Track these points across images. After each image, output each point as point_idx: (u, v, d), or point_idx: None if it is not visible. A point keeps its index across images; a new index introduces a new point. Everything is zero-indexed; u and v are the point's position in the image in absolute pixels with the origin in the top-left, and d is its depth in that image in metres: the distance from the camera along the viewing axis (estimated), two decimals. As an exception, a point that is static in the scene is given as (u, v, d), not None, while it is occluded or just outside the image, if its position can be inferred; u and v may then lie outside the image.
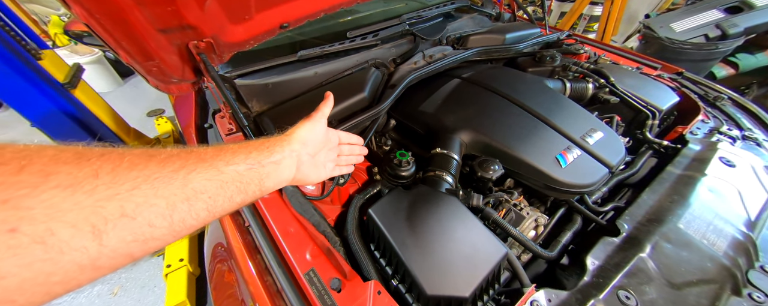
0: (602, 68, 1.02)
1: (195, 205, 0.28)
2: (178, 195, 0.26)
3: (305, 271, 0.53)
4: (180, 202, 0.26)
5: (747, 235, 0.57)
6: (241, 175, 0.33)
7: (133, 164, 0.24)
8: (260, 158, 0.37)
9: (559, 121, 0.79)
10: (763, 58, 2.13)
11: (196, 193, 0.28)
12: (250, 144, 0.37)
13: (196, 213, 0.28)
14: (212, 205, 0.30)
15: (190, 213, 0.27)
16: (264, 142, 0.39)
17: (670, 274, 0.52)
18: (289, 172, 0.42)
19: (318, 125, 0.49)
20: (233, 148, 0.35)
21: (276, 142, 0.41)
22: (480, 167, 0.71)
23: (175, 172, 0.27)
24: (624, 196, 0.78)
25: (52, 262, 0.19)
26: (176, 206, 0.26)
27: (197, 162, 0.29)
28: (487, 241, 0.55)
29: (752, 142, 0.82)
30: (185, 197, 0.27)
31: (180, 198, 0.27)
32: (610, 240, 0.58)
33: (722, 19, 1.91)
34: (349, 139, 0.60)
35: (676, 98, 0.93)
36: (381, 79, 0.97)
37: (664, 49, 1.97)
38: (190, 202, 0.27)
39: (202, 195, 0.28)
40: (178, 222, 0.26)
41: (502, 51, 1.12)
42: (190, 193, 0.27)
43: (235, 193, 0.32)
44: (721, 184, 0.66)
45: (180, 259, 1.19)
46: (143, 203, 0.24)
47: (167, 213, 0.25)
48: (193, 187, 0.28)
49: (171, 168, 0.27)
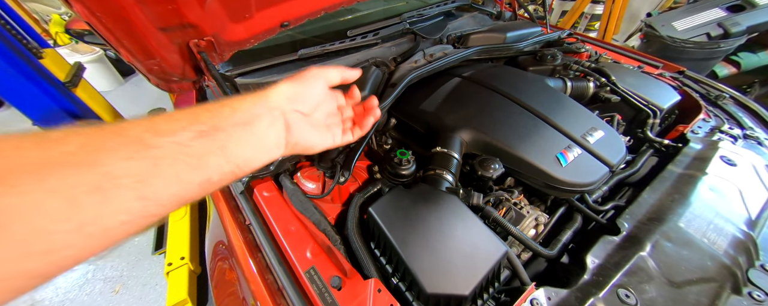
0: (603, 67, 1.02)
1: (115, 196, 0.21)
2: (81, 185, 0.19)
3: (306, 269, 0.53)
4: (85, 194, 0.19)
5: (747, 233, 0.57)
6: (188, 147, 0.25)
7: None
8: (216, 121, 0.28)
9: (560, 120, 0.78)
10: (765, 57, 2.11)
11: (111, 178, 0.21)
12: (204, 106, 0.29)
13: (122, 205, 0.21)
14: (150, 193, 0.23)
15: (108, 206, 0.20)
16: (228, 101, 0.30)
17: (670, 272, 0.52)
18: (275, 135, 0.33)
19: (315, 81, 0.38)
20: (174, 114, 0.27)
21: (246, 98, 0.32)
22: (480, 166, 0.71)
23: (73, 154, 0.20)
24: (624, 194, 0.78)
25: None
26: (80, 201, 0.19)
27: (111, 137, 0.22)
28: (487, 240, 0.55)
29: (754, 141, 0.81)
30: (94, 187, 0.20)
31: (84, 189, 0.19)
32: (610, 239, 0.58)
33: (724, 18, 1.90)
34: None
35: (677, 97, 0.93)
36: (381, 78, 0.97)
37: (666, 48, 1.96)
38: (105, 192, 0.20)
39: (124, 180, 0.21)
40: (90, 223, 0.20)
41: (503, 50, 1.11)
42: (101, 179, 0.20)
43: (186, 172, 0.25)
44: (722, 183, 0.66)
45: (181, 257, 1.20)
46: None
47: (66, 214, 0.19)
48: (105, 172, 0.20)
49: (66, 149, 0.20)
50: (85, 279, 1.51)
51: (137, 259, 1.57)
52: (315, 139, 0.39)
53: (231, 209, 0.65)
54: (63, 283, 1.50)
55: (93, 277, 1.52)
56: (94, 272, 1.54)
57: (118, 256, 1.59)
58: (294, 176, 0.74)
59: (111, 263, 1.56)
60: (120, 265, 1.55)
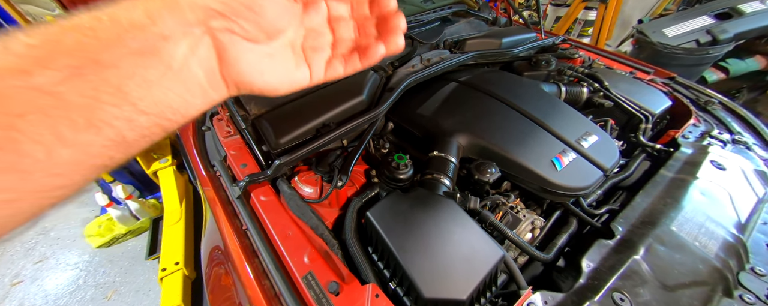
0: (596, 73, 1.04)
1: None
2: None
3: (303, 275, 0.53)
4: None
5: (737, 237, 0.59)
6: (56, 96, 0.17)
7: None
8: (96, 47, 0.18)
9: (555, 125, 0.80)
10: (753, 63, 2.17)
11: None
12: (71, 20, 0.18)
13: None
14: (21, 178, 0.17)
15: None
16: (112, 10, 0.19)
17: (663, 276, 0.52)
18: (200, 68, 0.22)
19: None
20: (20, 35, 0.17)
21: (144, 6, 0.19)
22: (477, 170, 0.72)
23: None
24: (618, 198, 0.79)
25: None
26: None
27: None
28: (484, 244, 0.55)
29: (742, 146, 0.84)
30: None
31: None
32: (604, 242, 0.59)
33: (712, 25, 1.96)
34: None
35: (668, 102, 0.95)
36: (379, 83, 0.98)
37: (657, 54, 2.01)
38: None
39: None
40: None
41: (498, 55, 1.13)
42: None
43: (71, 131, 0.17)
44: (713, 187, 0.68)
45: (176, 262, 1.18)
46: None
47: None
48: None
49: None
50: (76, 285, 1.48)
51: (130, 264, 1.54)
52: (274, 73, 0.25)
53: (227, 214, 0.65)
54: (53, 289, 1.46)
55: (84, 283, 1.49)
56: (85, 278, 1.50)
57: (111, 261, 1.56)
58: (291, 180, 0.74)
59: (103, 269, 1.53)
60: (112, 270, 1.53)
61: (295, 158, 0.71)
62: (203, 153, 0.83)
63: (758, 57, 2.18)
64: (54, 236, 1.71)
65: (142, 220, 1.67)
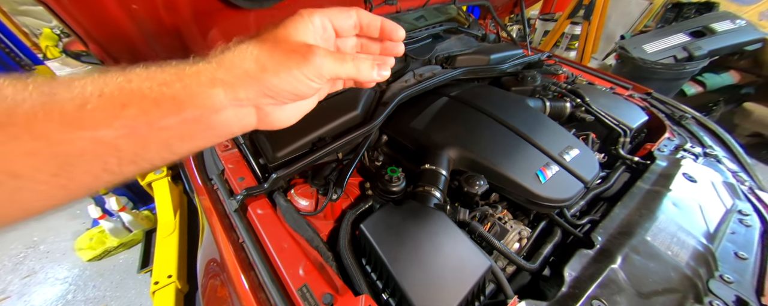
0: (578, 88, 1.10)
1: (25, 189, 0.19)
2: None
3: (298, 287, 0.55)
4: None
5: (706, 246, 0.63)
6: (112, 147, 0.21)
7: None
8: (155, 114, 0.22)
9: (539, 139, 0.84)
10: (727, 78, 2.30)
11: (12, 177, 0.19)
12: (132, 79, 0.22)
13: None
14: (61, 190, 0.21)
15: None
16: (171, 80, 0.23)
17: (638, 284, 0.56)
18: (239, 126, 0.27)
19: (295, 30, 0.27)
20: (92, 93, 0.21)
21: (199, 78, 0.23)
22: (467, 183, 0.75)
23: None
24: (599, 209, 0.83)
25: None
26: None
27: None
28: (472, 255, 0.58)
29: (713, 159, 0.89)
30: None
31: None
32: (585, 252, 0.62)
33: (688, 43, 2.08)
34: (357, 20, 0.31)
35: (645, 117, 1.01)
36: (374, 97, 1.02)
37: (639, 69, 2.11)
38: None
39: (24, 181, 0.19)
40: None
41: (487, 71, 1.19)
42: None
43: (107, 173, 0.22)
44: (684, 198, 0.72)
45: (168, 275, 1.17)
46: None
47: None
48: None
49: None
50: (65, 300, 1.44)
51: (121, 278, 1.51)
52: (296, 114, 0.31)
53: (224, 227, 0.67)
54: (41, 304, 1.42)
55: (74, 298, 1.45)
56: (74, 293, 1.47)
57: (102, 275, 1.53)
58: (288, 193, 0.77)
59: (93, 283, 1.50)
60: (103, 284, 1.50)
61: (292, 171, 0.74)
62: (201, 166, 0.85)
63: (732, 72, 2.31)
64: (43, 250, 1.67)
65: (134, 233, 1.65)
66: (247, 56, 0.25)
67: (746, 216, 0.73)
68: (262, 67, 0.25)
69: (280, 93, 0.26)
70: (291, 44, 0.26)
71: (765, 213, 0.75)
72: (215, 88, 0.24)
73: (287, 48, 0.25)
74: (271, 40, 0.26)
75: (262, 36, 0.26)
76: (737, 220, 0.72)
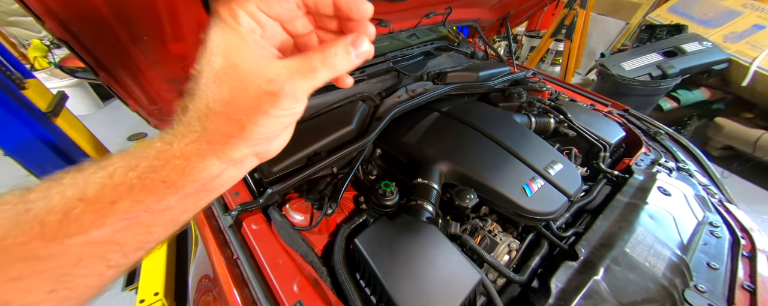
0: (561, 105, 1.17)
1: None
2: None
3: (292, 304, 0.55)
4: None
5: (681, 257, 0.67)
6: (109, 245, 0.21)
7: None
8: (158, 195, 0.22)
9: (526, 154, 0.89)
10: (699, 94, 2.46)
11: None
12: (131, 160, 0.21)
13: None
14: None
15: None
16: (170, 153, 0.22)
17: (619, 294, 0.59)
18: (237, 179, 0.27)
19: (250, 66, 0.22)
20: (81, 189, 0.20)
21: (198, 149, 0.22)
22: (457, 196, 0.78)
23: None
24: (583, 221, 0.87)
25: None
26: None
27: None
28: (463, 268, 0.60)
29: (685, 173, 0.95)
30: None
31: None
32: (570, 264, 0.65)
33: (661, 62, 2.23)
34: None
35: (622, 133, 1.08)
36: (367, 112, 1.05)
37: (618, 85, 2.24)
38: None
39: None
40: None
41: (476, 87, 1.25)
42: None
43: (106, 270, 0.21)
44: (660, 211, 0.77)
45: (155, 292, 1.13)
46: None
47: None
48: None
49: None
50: (38, 320, 1.36)
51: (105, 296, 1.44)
52: (284, 137, 0.30)
53: (218, 243, 0.67)
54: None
55: (48, 317, 1.37)
56: (49, 311, 1.39)
57: (82, 292, 1.46)
58: (282, 208, 0.77)
59: (71, 300, 1.43)
60: (81, 302, 1.42)
61: (287, 186, 0.75)
62: (195, 180, 0.85)
63: (703, 89, 2.48)
64: (17, 265, 1.59)
65: (118, 246, 1.59)
66: (218, 118, 0.22)
67: (716, 228, 0.78)
68: (239, 125, 0.22)
69: (268, 135, 0.24)
70: (247, 82, 0.21)
71: (733, 225, 0.80)
72: (206, 159, 0.23)
73: (249, 92, 0.22)
74: (226, 84, 0.22)
75: (210, 81, 0.22)
76: (709, 231, 0.77)
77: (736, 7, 2.50)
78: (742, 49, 2.26)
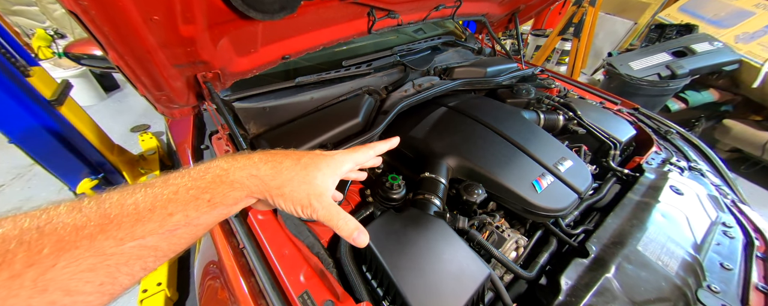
0: (570, 102, 1.15)
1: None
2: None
3: (299, 294, 0.54)
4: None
5: (694, 256, 0.65)
6: (153, 249, 0.26)
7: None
8: (191, 214, 0.27)
9: (535, 150, 0.87)
10: (708, 95, 2.43)
11: (68, 293, 0.21)
12: (172, 190, 0.27)
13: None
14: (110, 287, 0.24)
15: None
16: (204, 187, 0.29)
17: (631, 293, 0.58)
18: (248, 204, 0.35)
19: (324, 180, 0.38)
20: (134, 206, 0.25)
21: (231, 185, 0.31)
22: (465, 191, 0.77)
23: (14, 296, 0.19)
24: (593, 219, 0.86)
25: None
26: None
27: (64, 250, 0.21)
28: (472, 263, 0.59)
29: (697, 173, 0.94)
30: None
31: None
32: (580, 261, 0.64)
33: (671, 61, 2.20)
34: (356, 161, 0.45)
35: (633, 131, 1.06)
36: (374, 106, 1.04)
37: (625, 85, 2.21)
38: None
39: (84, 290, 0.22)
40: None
41: (483, 83, 1.23)
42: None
43: (153, 260, 0.26)
44: (672, 210, 0.75)
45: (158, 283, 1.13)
46: None
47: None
48: (51, 301, 0.20)
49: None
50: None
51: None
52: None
53: (225, 233, 0.66)
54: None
55: None
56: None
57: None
58: (288, 199, 0.76)
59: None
60: (84, 291, 1.43)
61: (293, 178, 0.74)
62: (200, 170, 0.84)
63: (712, 90, 2.44)
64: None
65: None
66: (273, 185, 0.34)
67: (730, 228, 0.77)
68: (278, 193, 0.35)
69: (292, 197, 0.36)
70: (307, 190, 0.36)
71: (747, 225, 0.78)
72: (240, 189, 0.32)
73: (301, 192, 0.36)
74: (298, 178, 0.36)
75: (292, 166, 0.36)
76: (722, 231, 0.75)
77: (748, 7, 2.45)
78: (754, 49, 2.22)
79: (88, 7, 0.34)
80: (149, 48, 0.43)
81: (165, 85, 0.55)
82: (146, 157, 1.80)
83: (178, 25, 0.43)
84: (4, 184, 2.18)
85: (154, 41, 0.43)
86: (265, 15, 0.52)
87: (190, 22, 0.44)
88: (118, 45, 0.40)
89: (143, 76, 0.49)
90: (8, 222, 0.21)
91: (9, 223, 0.21)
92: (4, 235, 0.20)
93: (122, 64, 0.45)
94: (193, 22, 0.45)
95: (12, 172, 2.27)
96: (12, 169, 2.28)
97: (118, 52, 0.42)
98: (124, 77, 0.50)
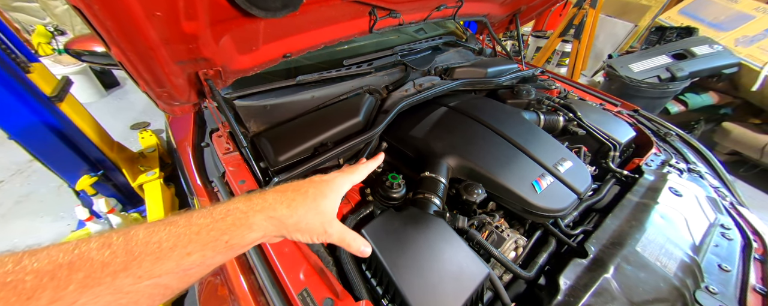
0: (570, 103, 1.15)
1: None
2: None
3: (299, 291, 0.54)
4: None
5: (693, 258, 0.66)
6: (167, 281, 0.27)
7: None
8: (208, 254, 0.29)
9: (535, 150, 0.87)
10: (707, 98, 2.44)
11: None
12: (189, 234, 0.28)
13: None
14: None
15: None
16: (222, 229, 0.30)
17: (630, 293, 0.58)
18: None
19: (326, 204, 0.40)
20: (159, 242, 0.26)
21: (247, 223, 0.32)
22: (465, 191, 0.77)
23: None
24: (592, 220, 0.86)
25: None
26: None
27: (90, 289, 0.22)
28: (471, 262, 0.59)
29: (696, 175, 0.94)
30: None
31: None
32: (579, 261, 0.64)
33: (670, 64, 2.20)
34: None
35: (633, 133, 1.06)
36: (374, 105, 1.04)
37: (625, 87, 2.22)
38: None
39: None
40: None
41: (484, 83, 1.23)
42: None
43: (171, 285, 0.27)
44: (671, 211, 0.76)
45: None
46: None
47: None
48: None
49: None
50: None
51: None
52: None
53: (224, 230, 0.66)
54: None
55: None
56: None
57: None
58: (288, 197, 0.76)
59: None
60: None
61: (294, 176, 0.75)
62: (201, 168, 0.84)
63: (711, 93, 2.45)
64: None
65: (120, 235, 1.59)
66: (283, 224, 0.36)
67: (728, 230, 0.77)
68: (295, 229, 0.37)
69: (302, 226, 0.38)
70: (320, 221, 0.39)
71: (745, 228, 0.79)
72: (252, 226, 0.33)
73: (314, 224, 0.39)
74: (311, 211, 0.38)
75: (302, 201, 0.38)
76: (720, 233, 0.76)
77: (748, 10, 2.46)
78: (754, 53, 2.23)
79: (91, 2, 0.34)
80: (152, 44, 0.43)
81: (167, 81, 0.55)
82: (146, 155, 1.79)
83: (181, 21, 0.43)
84: (3, 180, 2.18)
85: (156, 37, 0.43)
86: (267, 13, 0.52)
87: (193, 18, 0.44)
88: (121, 41, 0.41)
89: (145, 73, 0.49)
90: (44, 256, 0.22)
91: (45, 258, 0.22)
92: (38, 270, 0.21)
93: (124, 61, 0.45)
94: (196, 18, 0.45)
95: (11, 168, 2.26)
96: (11, 165, 2.28)
97: (120, 48, 0.42)
98: (126, 73, 0.50)
